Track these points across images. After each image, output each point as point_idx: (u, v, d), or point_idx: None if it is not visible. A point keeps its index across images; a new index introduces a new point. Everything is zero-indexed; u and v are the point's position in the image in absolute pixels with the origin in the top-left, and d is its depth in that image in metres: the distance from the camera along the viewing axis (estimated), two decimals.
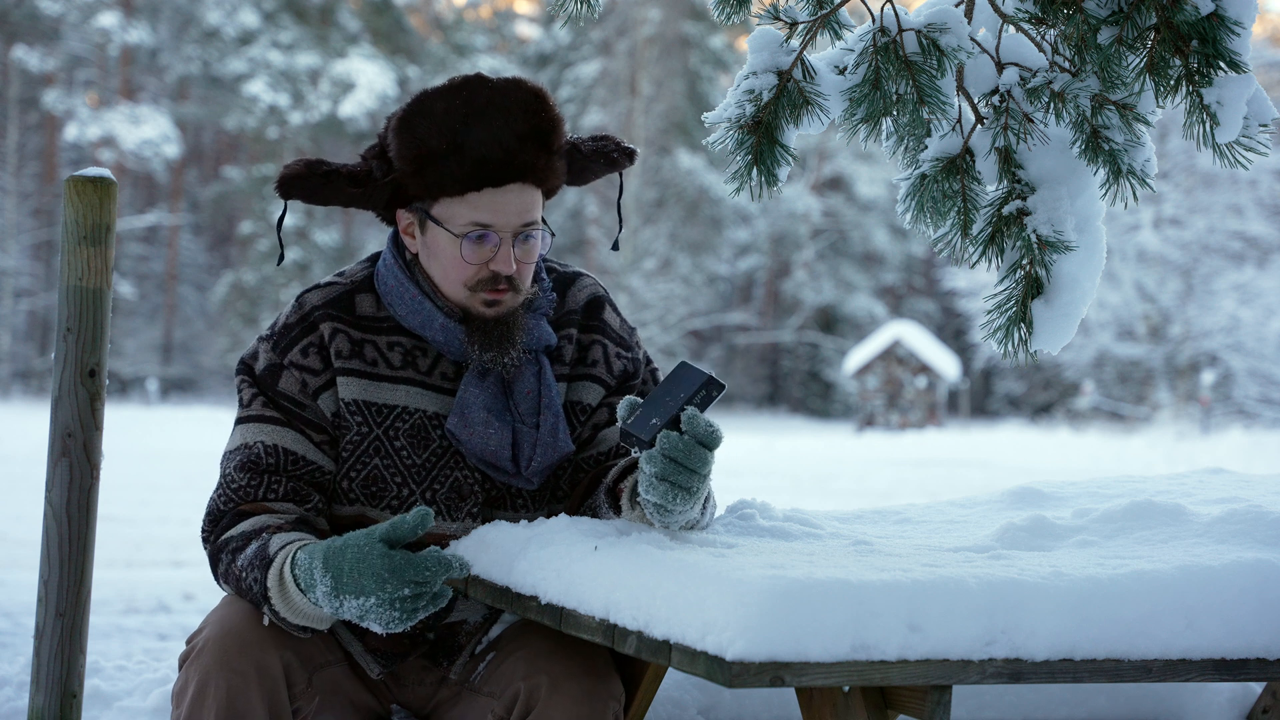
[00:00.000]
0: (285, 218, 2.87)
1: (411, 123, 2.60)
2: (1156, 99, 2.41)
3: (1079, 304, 2.44)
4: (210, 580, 6.40)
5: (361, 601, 2.40)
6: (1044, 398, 42.14)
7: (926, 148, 2.47)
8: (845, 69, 2.46)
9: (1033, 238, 2.42)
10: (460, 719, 2.65)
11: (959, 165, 2.46)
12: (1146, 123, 2.41)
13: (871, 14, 2.48)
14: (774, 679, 2.00)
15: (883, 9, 2.45)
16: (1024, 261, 2.43)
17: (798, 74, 2.46)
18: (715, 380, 2.39)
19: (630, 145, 2.78)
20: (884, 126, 2.46)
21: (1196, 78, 2.37)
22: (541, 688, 2.48)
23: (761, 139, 2.46)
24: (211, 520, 2.63)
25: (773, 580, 2.04)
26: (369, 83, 38.54)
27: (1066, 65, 2.44)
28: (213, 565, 2.61)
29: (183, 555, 9.66)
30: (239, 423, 2.66)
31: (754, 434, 30.38)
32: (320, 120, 38.98)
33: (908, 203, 2.48)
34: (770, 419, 42.68)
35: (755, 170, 2.47)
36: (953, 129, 2.48)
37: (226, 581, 2.57)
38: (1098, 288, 2.48)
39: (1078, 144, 2.41)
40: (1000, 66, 2.47)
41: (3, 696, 3.68)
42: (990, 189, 2.48)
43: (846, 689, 2.21)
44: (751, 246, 46.17)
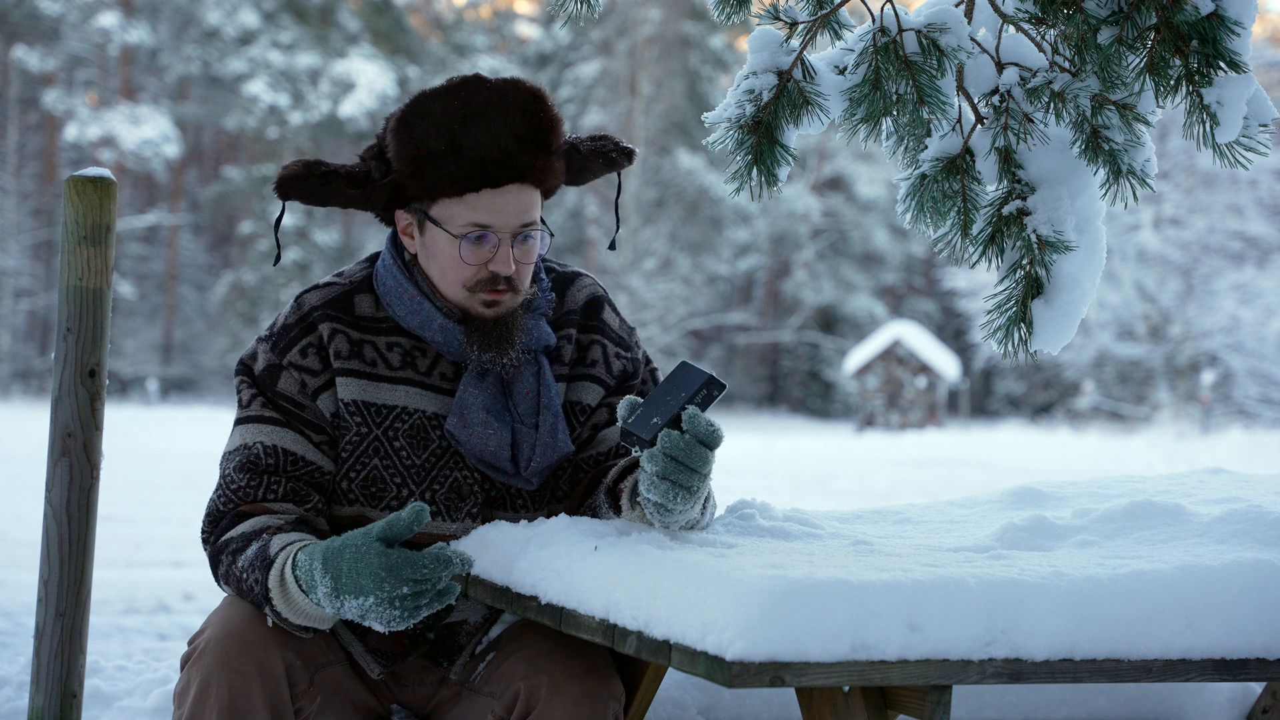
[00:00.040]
0: (284, 218, 2.87)
1: (410, 124, 2.60)
2: (1156, 99, 2.41)
3: (1079, 304, 2.44)
4: (210, 580, 6.39)
5: (361, 601, 2.40)
6: (1044, 398, 42.14)
7: (926, 148, 2.47)
8: (845, 69, 2.45)
9: (1033, 238, 2.42)
10: (460, 719, 2.65)
11: (959, 165, 2.46)
12: (1146, 123, 2.41)
13: (871, 14, 2.47)
14: (774, 679, 2.00)
15: (883, 9, 2.45)
16: (1024, 261, 2.43)
17: (798, 74, 2.46)
18: (716, 380, 2.39)
19: (629, 145, 2.78)
20: (884, 126, 2.45)
21: (1196, 78, 2.37)
22: (542, 688, 2.48)
23: (761, 139, 2.46)
24: (211, 521, 2.63)
25: (773, 580, 2.04)
26: (369, 83, 38.53)
27: (1066, 65, 2.44)
28: (213, 566, 2.61)
29: (183, 555, 9.66)
30: (238, 423, 2.66)
31: (754, 434, 30.38)
32: (320, 120, 38.98)
33: (908, 203, 2.48)
34: (770, 419, 42.66)
35: (755, 170, 2.47)
36: (953, 129, 2.47)
37: (227, 582, 2.57)
38: (1098, 288, 2.48)
39: (1078, 144, 2.41)
40: (1000, 66, 2.47)
41: (3, 696, 3.67)
42: (990, 189, 2.48)
43: (846, 689, 2.21)
44: (751, 246, 46.15)
